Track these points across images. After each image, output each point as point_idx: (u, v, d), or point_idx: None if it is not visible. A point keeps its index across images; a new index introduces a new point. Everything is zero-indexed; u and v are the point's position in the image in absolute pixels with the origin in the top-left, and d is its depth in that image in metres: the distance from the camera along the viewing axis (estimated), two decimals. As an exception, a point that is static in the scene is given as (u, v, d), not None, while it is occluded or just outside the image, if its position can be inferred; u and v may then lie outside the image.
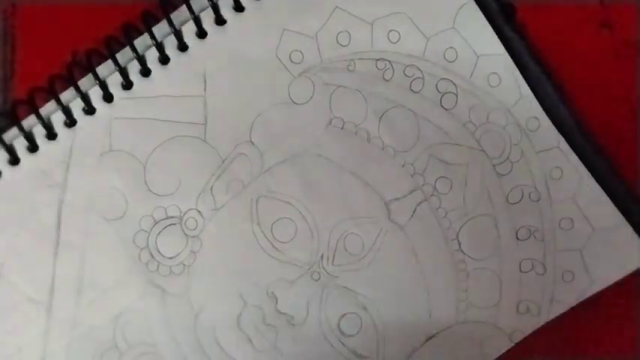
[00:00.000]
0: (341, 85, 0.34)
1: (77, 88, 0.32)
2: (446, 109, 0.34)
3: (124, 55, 0.33)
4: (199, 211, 0.33)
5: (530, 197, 0.34)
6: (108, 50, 0.32)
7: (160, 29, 0.33)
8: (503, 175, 0.34)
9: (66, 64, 0.33)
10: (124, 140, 0.33)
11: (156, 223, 0.33)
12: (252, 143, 0.33)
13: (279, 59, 0.33)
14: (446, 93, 0.34)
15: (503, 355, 0.34)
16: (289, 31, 0.33)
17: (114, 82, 0.33)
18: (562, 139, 0.34)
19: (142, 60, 0.33)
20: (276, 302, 0.34)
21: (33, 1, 0.35)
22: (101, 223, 0.33)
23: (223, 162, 0.33)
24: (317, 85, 0.34)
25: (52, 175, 0.33)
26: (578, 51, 0.35)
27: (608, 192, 0.34)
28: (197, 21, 0.33)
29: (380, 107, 0.34)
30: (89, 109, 0.33)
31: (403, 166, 0.34)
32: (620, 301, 0.35)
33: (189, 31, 0.33)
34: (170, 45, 0.33)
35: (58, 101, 0.32)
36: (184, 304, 0.33)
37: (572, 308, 0.34)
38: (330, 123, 0.34)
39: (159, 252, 0.33)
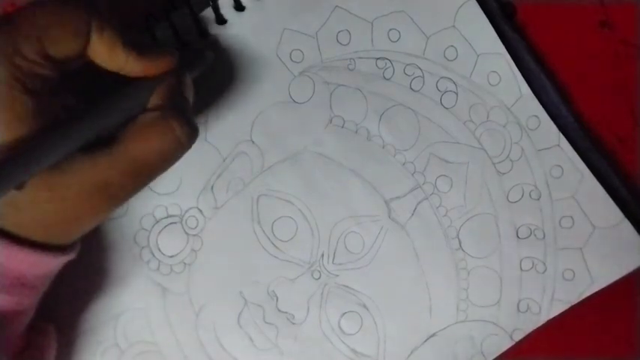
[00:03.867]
0: (341, 84, 0.34)
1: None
2: (446, 108, 0.34)
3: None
4: (200, 210, 0.33)
5: (530, 195, 0.34)
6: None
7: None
8: (504, 173, 0.34)
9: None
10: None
11: (157, 221, 0.33)
12: (253, 142, 0.34)
13: (280, 58, 0.33)
14: (446, 91, 0.34)
15: (504, 354, 0.34)
16: (290, 30, 0.33)
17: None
18: (562, 138, 0.34)
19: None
20: (277, 301, 0.34)
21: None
22: (103, 222, 0.33)
23: (224, 161, 0.33)
24: (317, 84, 0.34)
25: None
26: (578, 51, 0.35)
27: (608, 190, 0.34)
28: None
29: (380, 106, 0.34)
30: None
31: (404, 164, 0.34)
32: (620, 301, 0.35)
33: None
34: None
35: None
36: (185, 302, 0.33)
37: (572, 307, 0.34)
38: (331, 122, 0.34)
39: (160, 251, 0.33)
